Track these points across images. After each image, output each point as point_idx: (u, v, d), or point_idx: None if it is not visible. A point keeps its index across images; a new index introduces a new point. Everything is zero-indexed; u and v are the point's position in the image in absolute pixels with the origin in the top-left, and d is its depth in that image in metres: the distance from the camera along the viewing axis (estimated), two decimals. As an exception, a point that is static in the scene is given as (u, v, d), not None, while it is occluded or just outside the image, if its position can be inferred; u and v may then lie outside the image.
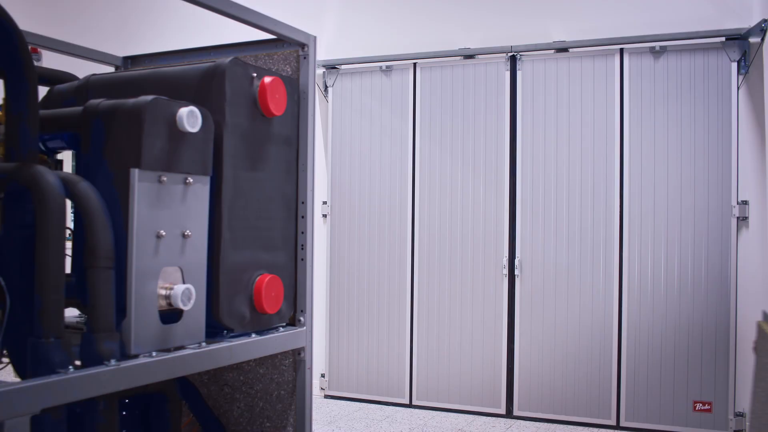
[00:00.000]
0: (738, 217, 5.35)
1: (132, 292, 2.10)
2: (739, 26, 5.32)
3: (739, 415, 5.30)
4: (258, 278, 2.52)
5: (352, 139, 6.45)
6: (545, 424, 5.75)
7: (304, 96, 2.76)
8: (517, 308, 5.89)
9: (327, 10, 6.73)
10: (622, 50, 5.63)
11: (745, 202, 5.34)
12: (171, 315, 2.23)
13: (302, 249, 2.79)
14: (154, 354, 2.15)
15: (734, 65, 5.35)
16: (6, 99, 2.09)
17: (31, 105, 2.08)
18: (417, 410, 6.10)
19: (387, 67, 6.35)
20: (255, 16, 2.59)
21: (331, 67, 6.53)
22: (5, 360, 2.26)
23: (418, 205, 6.20)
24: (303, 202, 2.77)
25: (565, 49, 5.79)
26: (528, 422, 5.78)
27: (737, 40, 5.33)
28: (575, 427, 5.68)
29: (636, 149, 5.59)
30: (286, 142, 2.68)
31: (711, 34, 5.39)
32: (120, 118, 2.16)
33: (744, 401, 5.30)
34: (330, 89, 6.54)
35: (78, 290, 2.28)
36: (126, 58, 3.27)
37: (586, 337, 5.72)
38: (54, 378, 1.85)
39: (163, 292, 2.19)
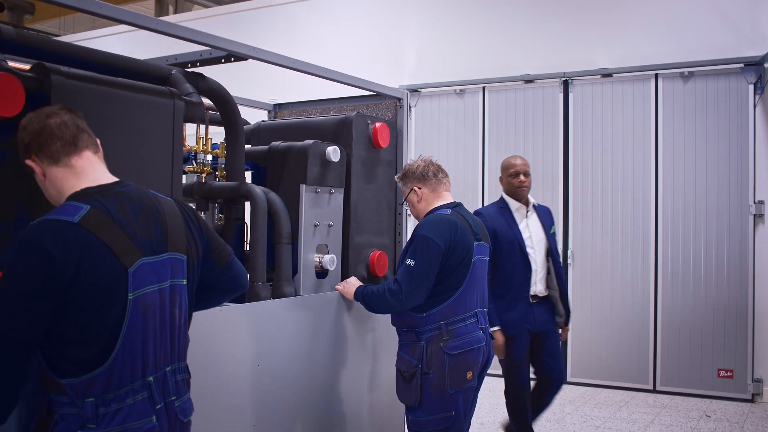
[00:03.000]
0: (755, 215, 6.61)
1: (301, 258, 3.64)
2: (756, 54, 6.58)
3: (757, 381, 6.55)
4: (372, 253, 4.04)
5: (431, 151, 7.94)
6: (593, 388, 7.12)
7: (400, 134, 4.28)
8: (570, 291, 7.28)
9: (410, 44, 8.27)
10: (656, 75, 6.97)
11: (761, 202, 6.60)
12: (321, 273, 3.76)
13: (399, 235, 4.30)
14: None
15: (751, 87, 6.62)
16: (227, 143, 3.65)
17: (241, 147, 3.64)
18: (486, 376, 7.55)
19: (460, 90, 7.84)
20: (369, 84, 4.12)
21: (414, 90, 8.05)
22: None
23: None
24: (400, 204, 4.28)
25: (609, 74, 7.17)
26: (579, 387, 7.16)
27: (753, 65, 6.59)
28: (619, 390, 7.02)
29: (668, 158, 6.91)
30: (388, 165, 4.18)
31: (731, 61, 6.68)
32: (293, 154, 3.71)
33: (760, 369, 6.56)
34: (413, 109, 8.06)
35: (268, 258, 3.81)
36: (275, 105, 4.85)
37: (628, 316, 7.06)
38: (262, 303, 3.39)
39: (317, 259, 3.73)
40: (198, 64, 3.69)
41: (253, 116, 4.56)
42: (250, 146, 4.05)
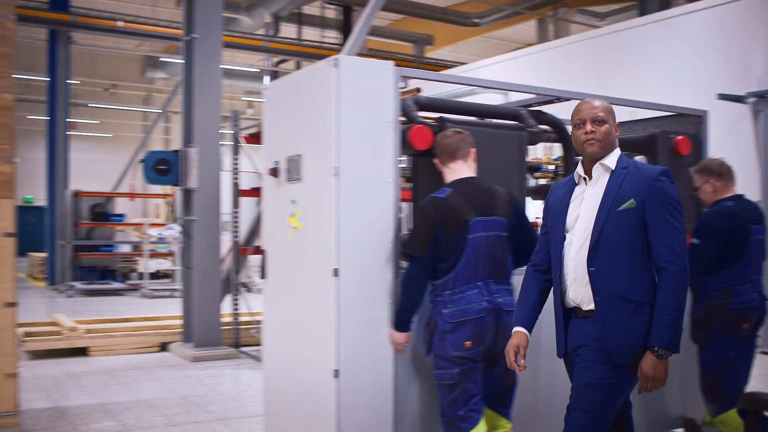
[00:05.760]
0: None
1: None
2: None
3: None
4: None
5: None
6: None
7: (702, 143, 5.52)
8: None
9: (758, 50, 9.05)
10: None
11: None
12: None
13: (703, 223, 5.56)
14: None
15: None
16: (563, 156, 5.26)
17: (572, 159, 5.23)
18: None
19: (807, 94, 8.44)
20: (667, 108, 5.48)
21: (761, 96, 8.81)
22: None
23: None
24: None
25: None
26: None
27: None
28: None
29: None
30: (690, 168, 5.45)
31: None
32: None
33: None
34: (761, 114, 8.81)
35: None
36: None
37: None
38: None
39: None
40: (538, 104, 5.42)
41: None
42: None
